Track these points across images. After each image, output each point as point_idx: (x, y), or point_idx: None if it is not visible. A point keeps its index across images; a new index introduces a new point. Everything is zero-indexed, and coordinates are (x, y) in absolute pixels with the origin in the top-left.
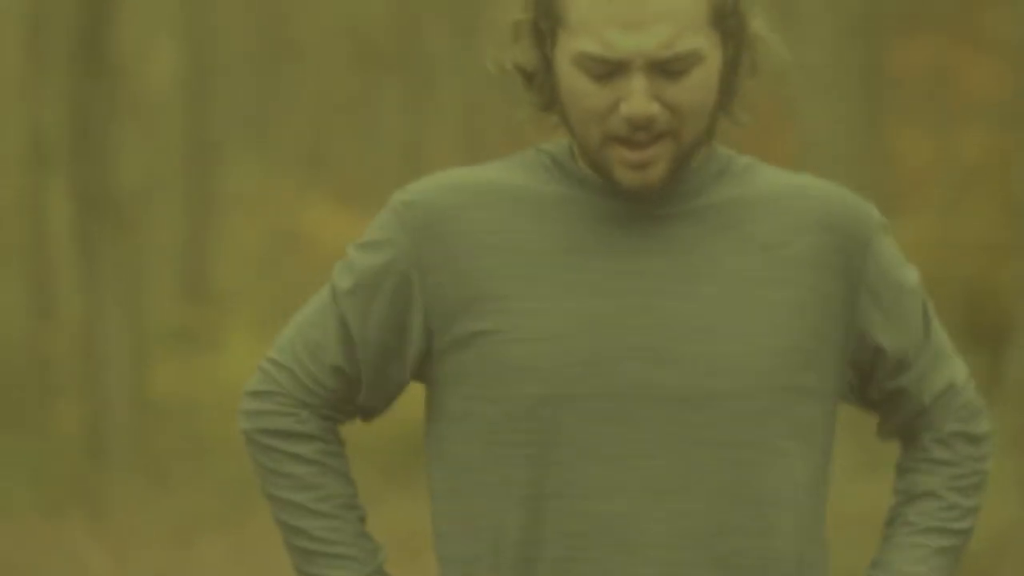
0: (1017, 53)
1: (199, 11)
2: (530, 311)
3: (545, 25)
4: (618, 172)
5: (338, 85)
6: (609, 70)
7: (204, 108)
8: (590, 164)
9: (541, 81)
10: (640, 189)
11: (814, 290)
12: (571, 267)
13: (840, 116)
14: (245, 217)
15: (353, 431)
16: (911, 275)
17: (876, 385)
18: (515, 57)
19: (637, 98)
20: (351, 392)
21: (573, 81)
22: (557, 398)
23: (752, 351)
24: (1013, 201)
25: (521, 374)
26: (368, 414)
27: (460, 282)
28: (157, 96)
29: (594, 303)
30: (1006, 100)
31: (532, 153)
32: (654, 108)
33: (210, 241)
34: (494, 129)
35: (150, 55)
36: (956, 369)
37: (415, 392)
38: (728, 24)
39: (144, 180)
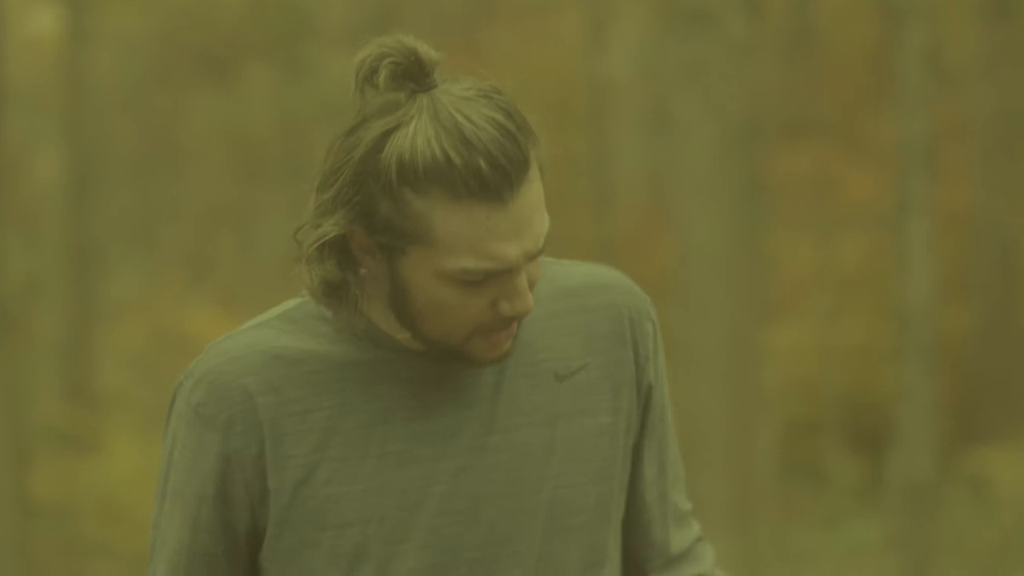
0: (897, 160)
1: (82, 116)
2: (352, 495)
3: (385, 239)
4: (478, 354)
5: (221, 190)
6: (488, 278)
7: (87, 212)
8: (416, 337)
9: (350, 291)
10: (497, 361)
11: (615, 411)
12: (390, 437)
13: (720, 222)
14: (127, 320)
15: None
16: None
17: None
18: (325, 274)
19: (523, 297)
20: None
21: (440, 293)
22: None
23: (566, 494)
24: (892, 307)
25: (352, 560)
26: None
27: (277, 473)
28: (39, 199)
29: (413, 472)
30: (886, 207)
31: (311, 307)
32: (530, 299)
33: (92, 344)
34: None
35: (32, 159)
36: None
37: None
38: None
39: (26, 283)
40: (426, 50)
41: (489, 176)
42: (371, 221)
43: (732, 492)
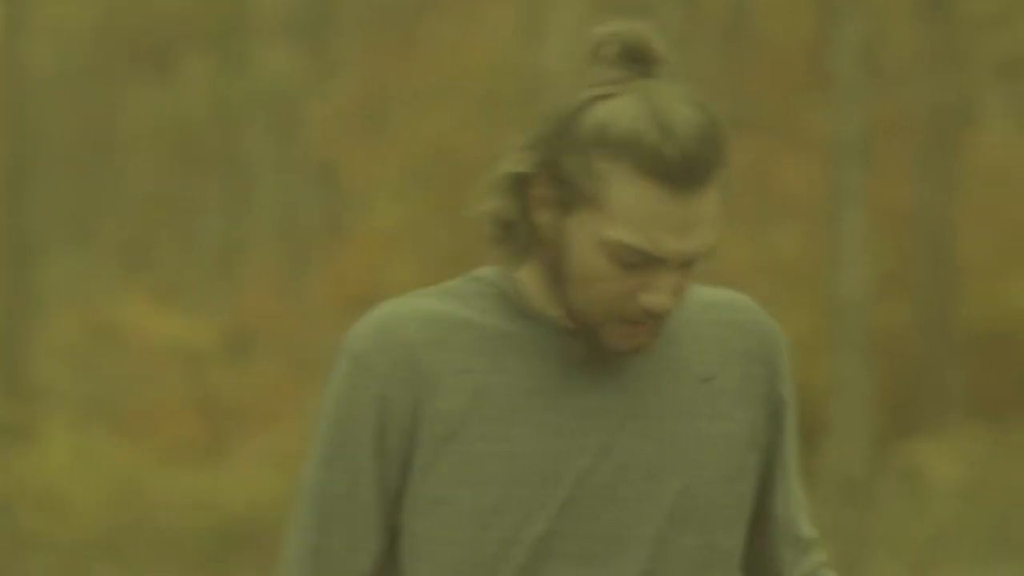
0: (831, 153)
1: (18, 108)
2: (498, 454)
3: (563, 193)
4: (611, 342)
5: (158, 182)
6: (642, 261)
7: (22, 203)
8: (563, 309)
9: (518, 232)
10: (629, 352)
11: (746, 423)
12: (535, 408)
13: None
14: (63, 312)
15: (163, 523)
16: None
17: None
18: (496, 208)
19: (664, 294)
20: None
21: (594, 261)
22: (529, 541)
23: (697, 488)
24: (827, 298)
25: (488, 518)
26: None
27: (428, 424)
28: None
29: (559, 444)
30: (821, 200)
31: (471, 284)
32: (672, 301)
33: (27, 336)
34: (312, 227)
35: None
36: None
37: (228, 480)
38: None
39: None
40: (659, 44)
41: (677, 165)
42: (555, 172)
43: None
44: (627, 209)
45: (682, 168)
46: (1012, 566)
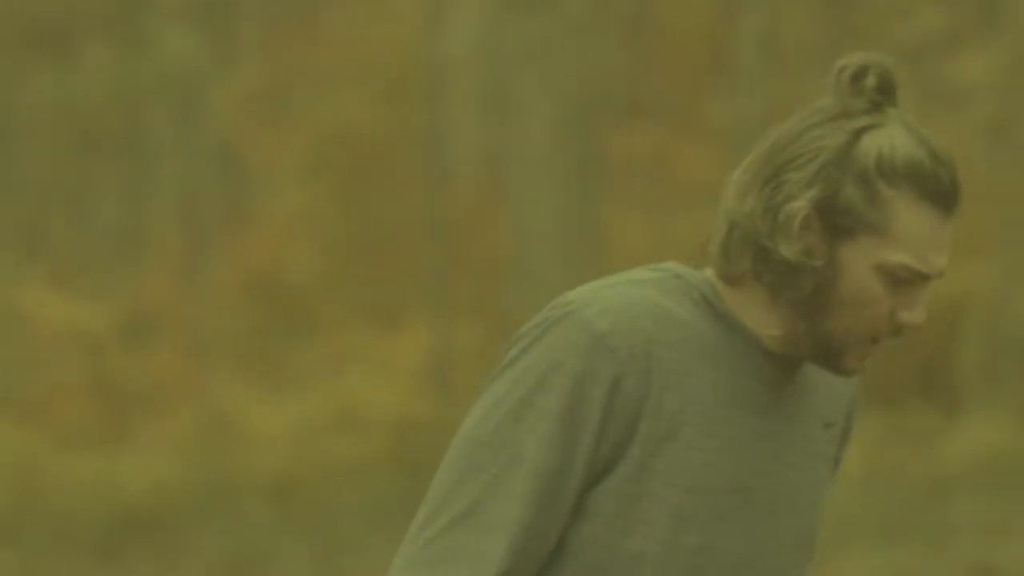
0: (732, 141)
1: None
2: (699, 462)
3: (841, 222)
4: (848, 362)
5: (56, 166)
6: (911, 280)
7: None
8: (798, 333)
9: (812, 271)
10: (855, 373)
11: (831, 466)
12: (731, 422)
13: (557, 202)
14: None
15: (60, 508)
16: None
17: None
18: (807, 248)
19: (922, 310)
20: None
21: (869, 284)
22: (709, 550)
23: (810, 528)
24: None
25: (682, 522)
26: None
27: (650, 420)
28: None
29: (744, 462)
30: (720, 188)
31: (675, 282)
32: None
33: None
34: (213, 212)
35: None
36: None
37: (126, 465)
38: None
39: None
40: (898, 73)
41: (950, 189)
42: (831, 203)
43: None
44: (909, 234)
45: (952, 192)
46: (909, 551)
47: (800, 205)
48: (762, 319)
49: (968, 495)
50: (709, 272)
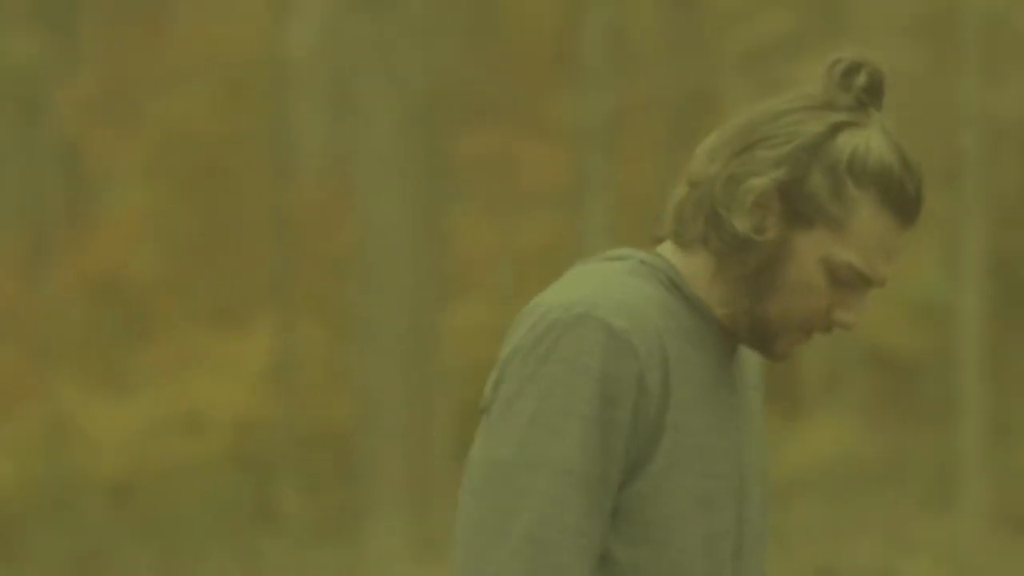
0: (577, 142)
1: None
2: (707, 447)
3: (802, 208)
4: (780, 348)
5: None
6: (853, 283)
7: None
8: (739, 310)
9: (758, 248)
10: (782, 359)
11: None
12: (718, 403)
13: (402, 201)
14: None
15: None
16: None
17: None
18: (757, 225)
19: (857, 313)
20: None
21: (812, 275)
22: (723, 533)
23: (768, 489)
24: None
25: (705, 510)
26: None
27: (672, 411)
28: None
29: (733, 441)
30: (565, 188)
31: (645, 268)
32: (858, 320)
33: None
34: (55, 212)
35: None
36: None
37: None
38: None
39: None
40: (888, 77)
41: (913, 202)
42: (797, 188)
43: (409, 472)
44: (863, 235)
45: (915, 205)
46: None
47: (761, 182)
48: (710, 294)
49: (811, 499)
50: (664, 248)
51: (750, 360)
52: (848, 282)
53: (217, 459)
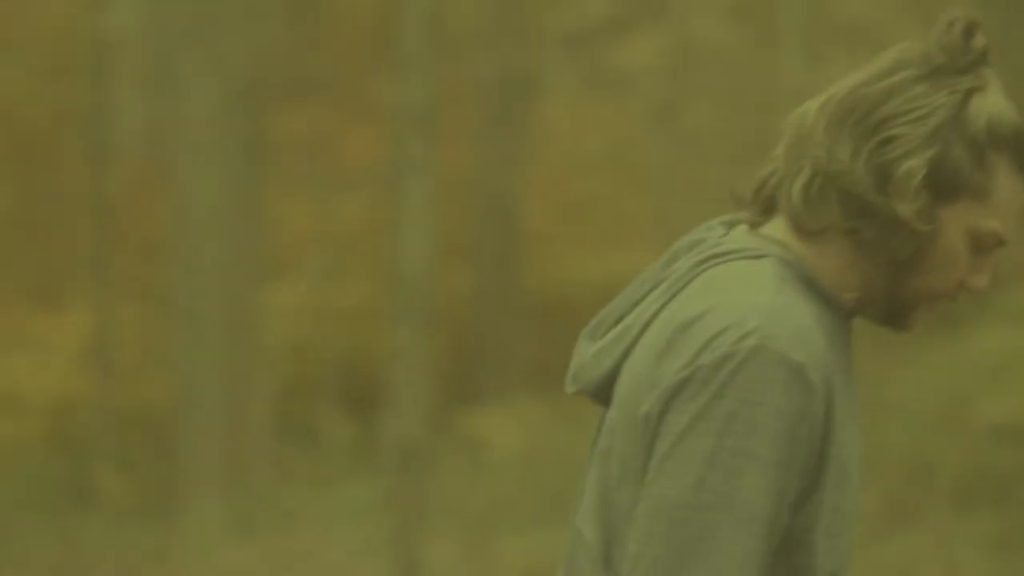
0: (396, 123)
1: None
2: (851, 459)
3: (946, 184)
4: (917, 320)
5: None
6: (989, 247)
7: None
8: (875, 292)
9: (914, 231)
10: (916, 329)
11: None
12: (853, 402)
13: (221, 182)
14: None
15: None
16: None
17: None
18: (922, 208)
19: (988, 276)
20: None
21: (957, 248)
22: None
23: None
24: (389, 268)
25: (852, 523)
26: None
27: (834, 433)
28: None
29: (860, 440)
30: (384, 168)
31: (788, 271)
32: None
33: None
34: None
35: None
36: None
37: None
38: None
39: None
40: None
41: None
42: (941, 164)
43: (226, 452)
44: (1004, 202)
45: None
46: (566, 532)
47: (918, 164)
48: (839, 280)
49: None
50: (772, 232)
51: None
52: (987, 248)
53: (34, 439)
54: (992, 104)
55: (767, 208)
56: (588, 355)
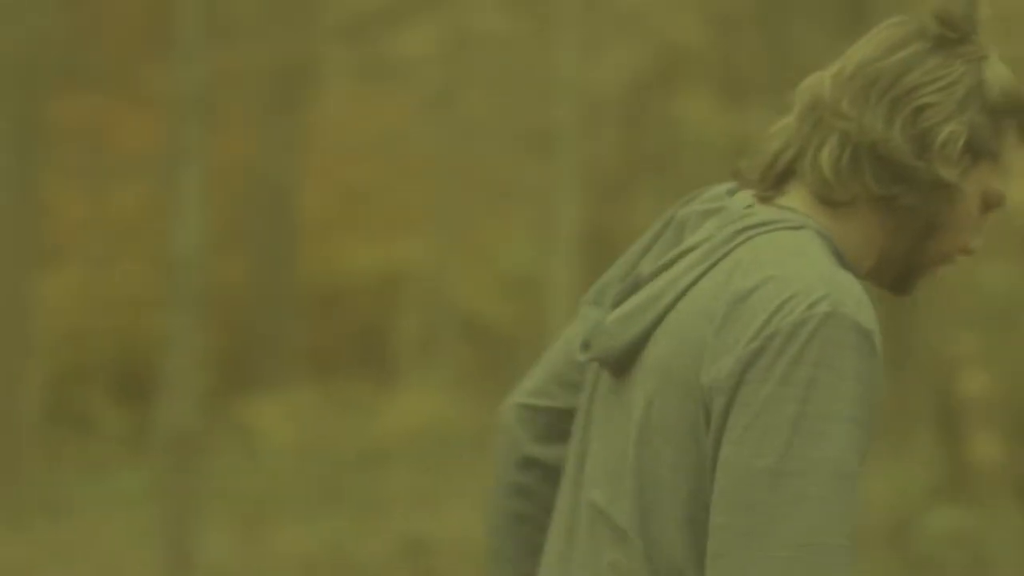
0: (170, 109)
1: None
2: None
3: (971, 148)
4: (927, 279)
5: None
6: (992, 208)
7: None
8: (894, 259)
9: (948, 193)
10: (909, 295)
11: None
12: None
13: None
14: None
15: None
16: None
17: None
18: (964, 169)
19: (983, 236)
20: None
21: (971, 210)
22: None
23: None
24: (163, 256)
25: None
26: None
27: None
28: None
29: None
30: (159, 156)
31: (823, 241)
32: None
33: None
34: None
35: None
36: None
37: None
38: None
39: None
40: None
41: None
42: (975, 128)
43: None
44: (1008, 163)
45: None
46: (340, 521)
47: (960, 129)
48: (859, 250)
49: (401, 466)
50: (791, 203)
51: None
52: (990, 209)
53: None
54: (1000, 71)
55: (779, 182)
56: (607, 322)
